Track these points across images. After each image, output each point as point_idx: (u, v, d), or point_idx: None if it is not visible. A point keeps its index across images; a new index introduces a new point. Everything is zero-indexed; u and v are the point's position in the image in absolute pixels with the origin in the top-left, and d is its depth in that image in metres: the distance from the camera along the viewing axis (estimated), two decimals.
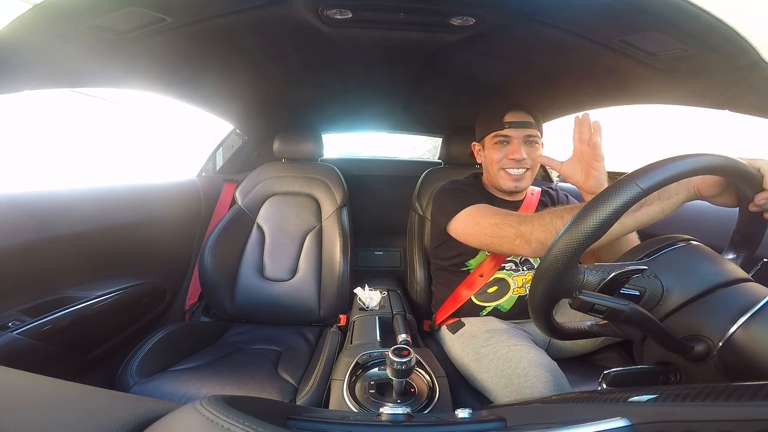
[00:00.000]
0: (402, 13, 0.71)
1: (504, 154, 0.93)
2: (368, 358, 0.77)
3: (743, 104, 0.73)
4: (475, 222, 0.82)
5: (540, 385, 0.67)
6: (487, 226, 0.78)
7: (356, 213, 1.46)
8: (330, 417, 0.41)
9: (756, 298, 0.39)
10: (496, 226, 0.76)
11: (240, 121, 1.50)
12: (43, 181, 2.44)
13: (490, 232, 0.77)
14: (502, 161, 0.93)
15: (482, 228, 0.80)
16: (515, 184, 0.94)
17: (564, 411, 0.38)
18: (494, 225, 0.76)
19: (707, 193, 0.55)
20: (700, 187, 0.56)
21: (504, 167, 0.94)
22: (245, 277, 1.21)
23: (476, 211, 0.84)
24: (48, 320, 0.82)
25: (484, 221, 0.80)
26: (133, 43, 0.74)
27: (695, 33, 0.60)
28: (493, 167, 0.96)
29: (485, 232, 0.78)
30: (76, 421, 0.28)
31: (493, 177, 0.97)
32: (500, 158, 0.93)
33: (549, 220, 0.66)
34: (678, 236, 0.49)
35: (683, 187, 0.57)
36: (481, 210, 0.84)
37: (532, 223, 0.69)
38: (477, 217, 0.83)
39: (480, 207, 0.85)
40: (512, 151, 0.91)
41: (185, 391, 0.79)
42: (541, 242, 0.66)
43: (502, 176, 0.94)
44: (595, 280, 0.42)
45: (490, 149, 0.96)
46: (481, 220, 0.81)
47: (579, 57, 0.83)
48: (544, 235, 0.65)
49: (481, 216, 0.82)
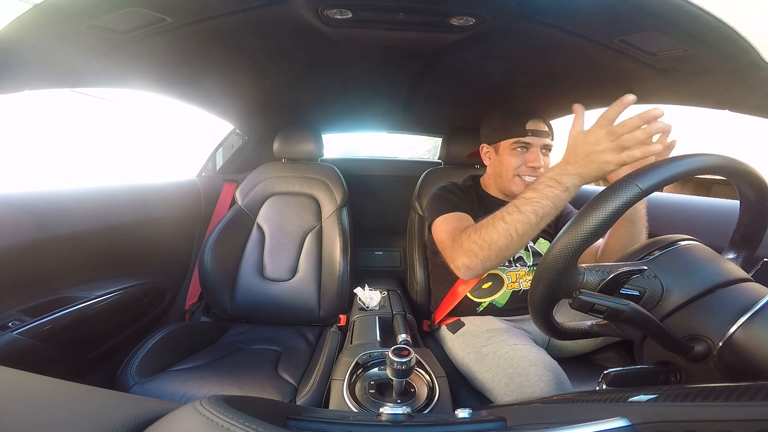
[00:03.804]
0: (402, 13, 0.71)
1: (523, 161, 0.93)
2: (368, 358, 0.77)
3: (743, 104, 0.72)
4: (438, 231, 0.90)
5: (542, 384, 0.67)
6: (442, 237, 0.86)
7: (356, 213, 1.46)
8: (330, 417, 0.41)
9: (756, 298, 0.39)
10: (443, 244, 0.83)
11: (240, 121, 1.50)
12: (44, 181, 2.44)
13: (441, 243, 0.85)
14: (520, 168, 0.93)
15: (439, 238, 0.88)
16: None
17: (564, 411, 0.38)
18: (444, 239, 0.83)
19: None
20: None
21: (521, 174, 0.94)
22: (245, 277, 1.21)
23: (444, 221, 0.89)
24: (48, 320, 0.82)
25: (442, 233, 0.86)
26: (133, 43, 0.74)
27: (695, 33, 0.60)
28: (508, 172, 0.95)
29: (439, 242, 0.87)
30: (76, 421, 0.28)
31: (505, 181, 0.97)
32: (519, 164, 0.93)
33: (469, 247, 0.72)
34: (678, 236, 0.49)
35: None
36: (447, 219, 0.89)
37: (461, 249, 0.74)
38: (442, 225, 0.89)
39: (446, 217, 0.89)
40: (532, 159, 0.92)
41: (185, 391, 0.79)
42: (468, 267, 0.73)
43: (516, 182, 0.95)
44: (595, 280, 0.42)
45: (506, 155, 0.96)
46: (441, 230, 0.87)
47: (579, 57, 0.83)
48: (468, 260, 0.72)
49: (444, 227, 0.88)
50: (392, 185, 1.80)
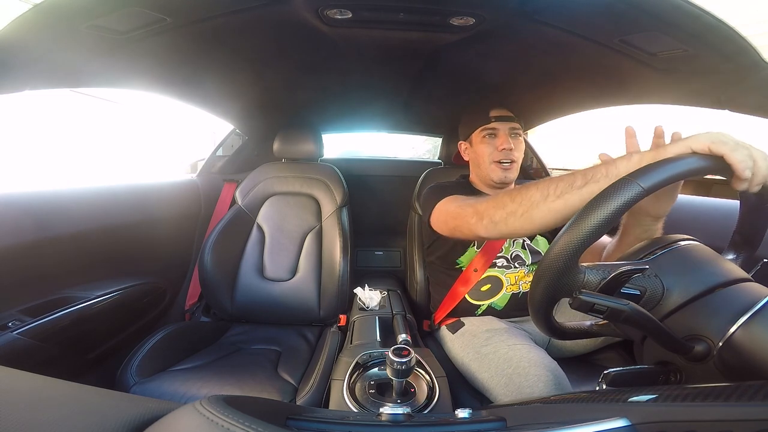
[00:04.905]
0: (402, 13, 0.71)
1: (494, 147, 0.97)
2: (368, 358, 0.77)
3: (743, 104, 0.72)
4: (445, 209, 0.86)
5: (541, 384, 0.67)
6: (453, 209, 0.82)
7: (356, 213, 1.46)
8: (330, 417, 0.41)
9: (756, 298, 0.39)
10: (459, 208, 0.79)
11: (240, 121, 1.50)
12: (44, 181, 2.44)
13: (454, 213, 0.80)
14: (493, 154, 0.98)
15: (449, 212, 0.83)
16: (505, 174, 0.98)
17: (564, 411, 0.38)
18: (458, 207, 0.80)
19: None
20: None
21: (495, 159, 0.97)
22: (245, 277, 1.21)
23: (448, 200, 0.88)
24: (48, 320, 0.82)
25: (452, 206, 0.84)
26: (133, 43, 0.74)
27: (695, 33, 0.60)
28: (484, 161, 0.99)
29: (451, 214, 0.82)
30: (76, 421, 0.28)
31: (484, 171, 1.01)
32: (491, 151, 0.98)
33: (501, 197, 0.67)
34: (679, 236, 0.49)
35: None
36: (452, 199, 0.87)
37: (487, 202, 0.70)
38: (447, 204, 0.87)
39: (453, 197, 0.88)
40: (501, 142, 0.96)
41: (185, 391, 0.79)
42: (490, 218, 0.66)
43: (494, 169, 0.98)
44: (596, 279, 0.42)
45: (478, 144, 1.01)
46: (449, 206, 0.85)
47: (579, 57, 0.83)
48: (493, 211, 0.66)
49: (450, 202, 0.86)
50: (392, 185, 1.80)
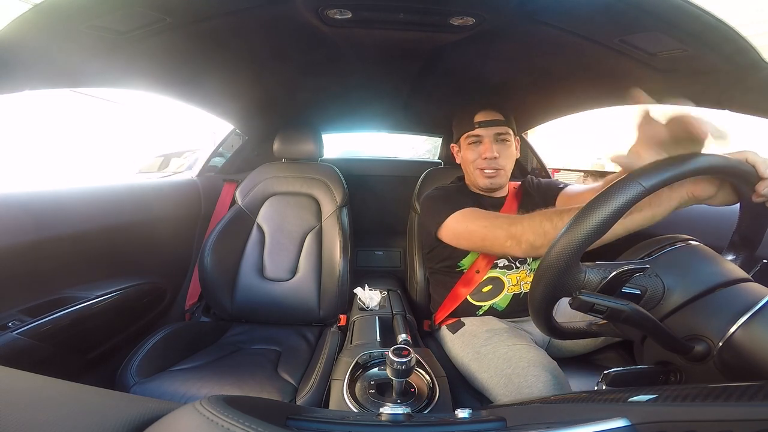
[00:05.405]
0: (402, 13, 0.71)
1: (478, 154, 0.96)
2: (368, 358, 0.77)
3: (743, 104, 0.72)
4: (464, 226, 0.84)
5: (540, 385, 0.67)
6: (477, 228, 0.80)
7: (356, 213, 1.46)
8: (330, 417, 0.41)
9: (756, 298, 0.39)
10: (486, 229, 0.77)
11: (240, 121, 1.50)
12: (44, 181, 2.44)
13: (481, 234, 0.79)
14: (477, 161, 0.97)
15: (473, 231, 0.82)
16: (490, 181, 0.97)
17: (564, 411, 0.38)
18: (484, 227, 0.78)
19: (702, 195, 0.52)
20: (694, 191, 0.52)
21: (479, 167, 0.97)
22: (245, 277, 1.21)
23: (464, 215, 0.86)
24: (48, 320, 0.82)
25: (474, 225, 0.81)
26: (133, 43, 0.73)
27: (695, 33, 0.60)
28: (470, 167, 0.99)
29: (476, 234, 0.80)
30: (76, 421, 0.28)
31: (471, 176, 1.01)
32: (475, 158, 0.97)
33: (538, 222, 0.66)
34: (679, 236, 0.49)
35: (676, 193, 0.54)
36: (469, 214, 0.85)
37: (522, 225, 0.69)
38: (466, 221, 0.84)
39: (467, 211, 0.86)
40: (484, 150, 0.95)
41: (185, 391, 0.79)
42: (530, 243, 0.67)
43: (478, 175, 0.98)
44: (597, 278, 0.42)
45: (465, 150, 1.00)
46: (471, 224, 0.82)
47: (579, 57, 0.83)
48: (534, 237, 0.66)
49: (470, 220, 0.84)
50: (392, 185, 1.80)
